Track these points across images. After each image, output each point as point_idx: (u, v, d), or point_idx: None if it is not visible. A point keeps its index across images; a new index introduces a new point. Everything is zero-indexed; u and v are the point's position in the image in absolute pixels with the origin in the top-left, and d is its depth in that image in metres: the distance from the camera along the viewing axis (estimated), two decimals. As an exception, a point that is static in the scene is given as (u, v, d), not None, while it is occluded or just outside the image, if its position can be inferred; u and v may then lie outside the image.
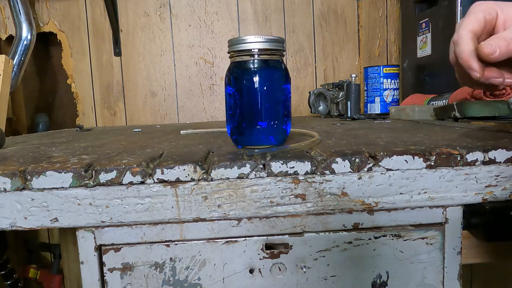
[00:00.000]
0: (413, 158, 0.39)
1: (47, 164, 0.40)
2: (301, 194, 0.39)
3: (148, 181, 0.38)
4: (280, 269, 0.41)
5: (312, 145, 0.45)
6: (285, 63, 0.51)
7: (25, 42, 1.10)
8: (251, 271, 0.41)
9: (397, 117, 0.91)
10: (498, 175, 0.40)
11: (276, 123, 0.47)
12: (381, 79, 1.08)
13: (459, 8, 0.86)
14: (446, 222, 0.42)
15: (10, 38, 1.26)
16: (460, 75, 0.44)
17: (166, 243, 0.41)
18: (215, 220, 0.40)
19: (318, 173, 0.39)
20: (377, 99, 1.10)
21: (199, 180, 0.38)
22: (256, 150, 0.41)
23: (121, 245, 0.40)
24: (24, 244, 1.30)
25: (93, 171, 0.37)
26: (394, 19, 1.35)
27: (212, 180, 0.38)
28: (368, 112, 1.12)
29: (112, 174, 0.37)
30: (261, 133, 0.46)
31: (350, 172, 0.39)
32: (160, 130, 0.89)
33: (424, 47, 1.07)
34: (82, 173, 0.37)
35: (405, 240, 0.42)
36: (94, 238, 0.40)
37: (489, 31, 0.41)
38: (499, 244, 0.53)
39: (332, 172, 0.39)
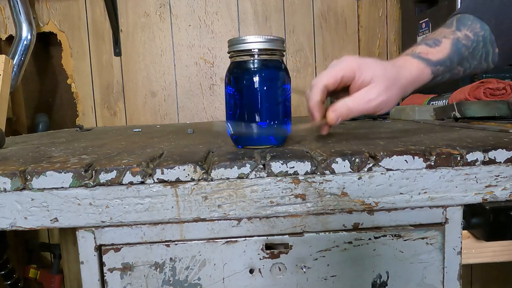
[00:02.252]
0: (413, 158, 0.39)
1: (47, 164, 0.40)
2: (301, 194, 0.39)
3: (148, 181, 0.38)
4: (280, 269, 0.41)
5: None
6: (285, 63, 0.51)
7: (25, 42, 1.10)
8: (251, 271, 0.41)
9: (397, 117, 0.91)
10: (498, 175, 0.40)
11: (276, 123, 0.47)
12: (381, 79, 1.08)
13: (458, 8, 0.86)
14: (446, 222, 0.42)
15: (10, 38, 1.25)
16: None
17: (166, 243, 0.41)
18: (215, 220, 0.40)
19: (318, 173, 0.39)
20: (377, 99, 1.09)
21: (199, 180, 0.38)
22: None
23: (121, 245, 0.40)
24: (24, 244, 1.30)
25: (93, 171, 0.37)
26: (394, 19, 1.35)
27: (212, 180, 0.38)
28: (368, 112, 1.12)
29: (112, 174, 0.37)
30: (261, 133, 0.46)
31: (350, 172, 0.39)
32: (160, 130, 0.89)
33: (424, 47, 1.07)
34: (82, 173, 0.37)
35: (405, 240, 0.42)
36: (94, 238, 0.40)
37: (346, 84, 0.47)
38: (499, 244, 0.53)
39: (332, 172, 0.39)
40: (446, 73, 0.51)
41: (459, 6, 0.86)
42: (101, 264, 0.41)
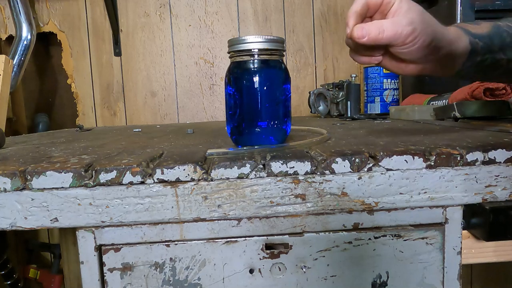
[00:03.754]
0: (413, 158, 0.39)
1: (47, 164, 0.40)
2: (301, 194, 0.39)
3: (148, 181, 0.38)
4: (280, 269, 0.41)
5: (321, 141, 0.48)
6: (285, 63, 0.51)
7: (25, 42, 1.10)
8: (251, 271, 0.41)
9: (397, 117, 0.91)
10: (498, 175, 0.40)
11: (276, 123, 0.47)
12: (381, 79, 1.08)
13: (459, 8, 0.86)
14: (446, 222, 0.42)
15: (10, 38, 1.26)
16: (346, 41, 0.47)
17: (166, 243, 0.41)
18: (215, 220, 0.40)
19: (318, 173, 0.39)
20: (377, 99, 1.10)
21: (199, 180, 0.38)
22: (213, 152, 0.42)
23: (121, 245, 0.40)
24: (24, 244, 1.30)
25: (93, 171, 0.37)
26: (394, 19, 1.35)
27: (212, 180, 0.38)
28: (368, 112, 1.12)
29: (112, 174, 0.37)
30: (261, 133, 0.46)
31: (350, 172, 0.39)
32: (160, 130, 0.89)
33: (424, 47, 1.07)
34: (82, 173, 0.37)
35: (405, 240, 0.42)
36: (94, 238, 0.40)
37: (383, 12, 0.44)
38: (499, 244, 0.53)
39: (332, 172, 0.39)
40: (486, 53, 0.47)
41: (459, 6, 0.86)
42: (101, 264, 0.41)
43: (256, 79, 0.45)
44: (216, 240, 0.41)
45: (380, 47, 0.45)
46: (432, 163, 0.39)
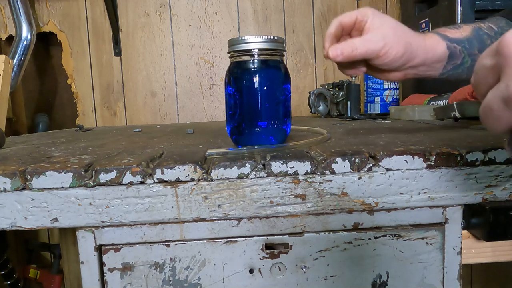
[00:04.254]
0: (413, 158, 0.39)
1: (47, 164, 0.40)
2: (301, 194, 0.39)
3: (148, 181, 0.38)
4: (280, 269, 0.41)
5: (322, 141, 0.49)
6: (285, 63, 0.51)
7: (25, 42, 1.10)
8: (251, 271, 0.41)
9: (397, 117, 0.91)
10: (498, 175, 0.40)
11: (276, 123, 0.47)
12: (381, 79, 1.08)
13: (459, 8, 0.86)
14: (446, 222, 0.42)
15: (10, 38, 1.25)
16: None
17: (166, 243, 0.41)
18: (215, 220, 0.40)
19: (318, 173, 0.39)
20: (377, 99, 1.10)
21: (199, 180, 0.38)
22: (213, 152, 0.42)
23: (121, 245, 0.40)
24: (24, 244, 1.30)
25: (93, 171, 0.37)
26: (394, 19, 1.35)
27: (212, 180, 0.38)
28: (368, 112, 1.12)
29: (112, 174, 0.37)
30: (261, 133, 0.46)
31: (350, 172, 0.39)
32: (160, 130, 0.89)
33: (424, 47, 1.07)
34: (82, 173, 0.37)
35: (405, 240, 0.42)
36: (94, 238, 0.40)
37: (359, 29, 0.48)
38: (499, 244, 0.53)
39: (332, 172, 0.39)
40: (465, 57, 0.50)
41: (459, 6, 0.86)
42: (101, 264, 0.41)
43: (256, 79, 0.45)
44: (216, 240, 0.41)
45: (360, 60, 0.48)
46: (432, 163, 0.39)
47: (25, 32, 1.11)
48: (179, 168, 0.38)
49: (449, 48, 0.49)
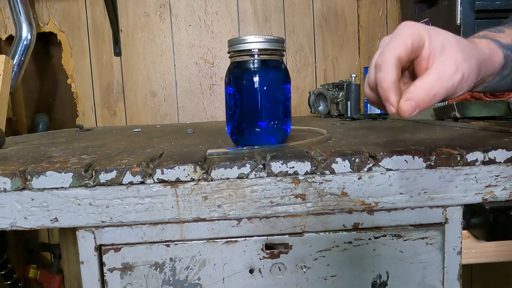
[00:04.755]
0: (413, 158, 0.39)
1: (47, 164, 0.40)
2: (301, 194, 0.39)
3: (148, 181, 0.38)
4: (280, 269, 0.41)
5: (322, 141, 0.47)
6: (285, 63, 0.51)
7: (25, 42, 1.10)
8: (251, 271, 0.41)
9: (397, 117, 0.91)
10: (498, 175, 0.40)
11: (276, 123, 0.47)
12: (381, 79, 1.08)
13: (459, 8, 0.86)
14: (446, 222, 0.42)
15: (10, 38, 1.25)
16: (371, 96, 0.40)
17: (166, 243, 0.41)
18: (215, 220, 0.40)
19: (318, 173, 0.39)
20: (377, 99, 1.09)
21: (199, 180, 0.38)
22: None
23: (121, 245, 0.40)
24: (24, 244, 1.30)
25: (93, 171, 0.37)
26: (394, 19, 1.35)
27: (212, 180, 0.38)
28: (368, 112, 1.12)
29: (112, 174, 0.37)
30: (261, 133, 0.46)
31: (350, 172, 0.39)
32: (160, 130, 0.89)
33: (424, 47, 1.07)
34: (82, 173, 0.37)
35: (405, 240, 0.42)
36: (94, 238, 0.40)
37: (412, 59, 0.37)
38: (499, 244, 0.53)
39: (332, 172, 0.39)
40: None
41: (459, 6, 0.86)
42: (101, 264, 0.41)
43: (256, 79, 0.45)
44: (216, 240, 0.41)
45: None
46: (432, 163, 0.39)
47: (25, 32, 1.11)
48: (179, 168, 0.38)
49: (505, 57, 0.40)
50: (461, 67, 0.35)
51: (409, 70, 0.39)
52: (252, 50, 0.45)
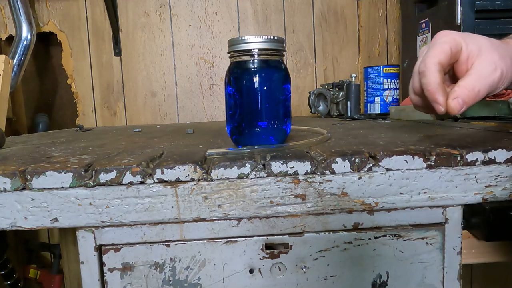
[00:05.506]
0: (413, 158, 0.39)
1: (47, 164, 0.40)
2: (301, 194, 0.39)
3: (148, 181, 0.38)
4: (280, 269, 0.41)
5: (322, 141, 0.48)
6: (285, 63, 0.51)
7: (25, 42, 1.10)
8: (251, 271, 0.41)
9: (397, 117, 0.91)
10: (498, 175, 0.40)
11: (276, 123, 0.47)
12: (381, 79, 1.08)
13: (459, 8, 0.86)
14: (446, 222, 0.42)
15: (10, 38, 1.25)
16: (417, 101, 0.43)
17: (166, 243, 0.41)
18: (215, 220, 0.40)
19: (318, 173, 0.39)
20: (377, 99, 1.10)
21: (199, 180, 0.38)
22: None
23: (121, 245, 0.40)
24: (24, 244, 1.30)
25: (93, 171, 0.37)
26: (394, 19, 1.35)
27: (212, 180, 0.38)
28: (368, 112, 1.12)
29: (112, 174, 0.37)
30: (261, 133, 0.46)
31: (350, 172, 0.39)
32: (160, 130, 0.89)
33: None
34: (82, 173, 0.37)
35: (405, 240, 0.42)
36: (94, 238, 0.40)
37: (452, 64, 0.41)
38: (499, 244, 0.53)
39: (332, 172, 0.39)
40: None
41: (459, 6, 0.86)
42: (101, 264, 0.41)
43: (256, 79, 0.45)
44: (216, 240, 0.41)
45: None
46: (432, 163, 0.39)
47: (25, 32, 1.11)
48: (179, 168, 0.38)
49: None
50: (499, 65, 0.38)
51: (449, 74, 0.42)
52: (252, 50, 0.45)
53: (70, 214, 0.38)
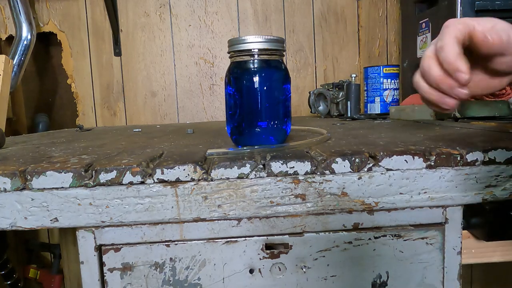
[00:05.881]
0: (413, 158, 0.39)
1: (47, 164, 0.40)
2: (301, 194, 0.39)
3: (148, 181, 0.38)
4: (280, 269, 0.41)
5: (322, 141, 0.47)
6: (285, 63, 0.51)
7: (25, 42, 1.10)
8: (251, 271, 0.41)
9: (397, 117, 0.91)
10: (498, 175, 0.40)
11: (276, 123, 0.47)
12: (381, 79, 1.08)
13: (459, 8, 0.86)
14: (446, 222, 0.42)
15: (10, 38, 1.25)
16: (424, 89, 0.41)
17: (166, 243, 0.41)
18: (215, 220, 0.40)
19: (318, 173, 0.39)
20: (377, 99, 1.10)
21: (199, 180, 0.38)
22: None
23: (121, 245, 0.40)
24: (24, 244, 1.30)
25: (93, 171, 0.37)
26: (394, 19, 1.35)
27: (212, 180, 0.38)
28: (368, 112, 1.12)
29: (112, 174, 0.37)
30: (261, 133, 0.46)
31: (350, 172, 0.39)
32: (160, 130, 0.89)
33: (424, 47, 1.07)
34: (82, 173, 0.37)
35: (405, 240, 0.42)
36: (94, 238, 0.40)
37: (464, 45, 0.40)
38: (499, 244, 0.53)
39: (332, 172, 0.39)
40: None
41: (459, 6, 0.86)
42: (101, 264, 0.41)
43: (256, 79, 0.45)
44: (216, 240, 0.41)
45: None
46: (432, 163, 0.39)
47: (25, 32, 1.11)
48: (179, 168, 0.38)
49: None
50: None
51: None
52: (252, 50, 0.45)
53: (70, 214, 0.38)
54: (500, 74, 0.42)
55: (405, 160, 0.39)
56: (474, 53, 0.40)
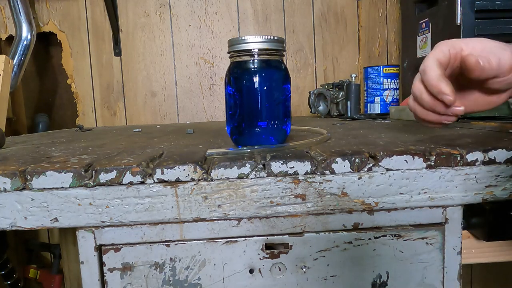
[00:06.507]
0: (413, 158, 0.39)
1: (47, 164, 0.40)
2: (301, 194, 0.39)
3: (148, 181, 0.38)
4: (280, 269, 0.41)
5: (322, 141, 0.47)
6: (285, 63, 0.51)
7: (25, 42, 1.10)
8: (251, 271, 0.41)
9: (397, 117, 0.91)
10: (498, 175, 0.40)
11: (276, 123, 0.47)
12: (381, 79, 1.08)
13: (459, 8, 0.86)
14: (446, 222, 0.42)
15: (10, 38, 1.25)
16: (421, 113, 0.42)
17: (166, 243, 0.41)
18: (215, 220, 0.40)
19: (318, 173, 0.39)
20: (377, 99, 1.10)
21: (199, 180, 0.38)
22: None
23: (121, 245, 0.40)
24: (24, 244, 1.30)
25: (93, 171, 0.37)
26: (394, 19, 1.35)
27: (212, 180, 0.38)
28: (368, 112, 1.12)
29: (112, 174, 0.37)
30: (261, 133, 0.46)
31: (350, 172, 0.39)
32: (160, 130, 0.89)
33: (424, 47, 1.07)
34: (82, 173, 0.37)
35: (405, 240, 0.42)
36: (94, 238, 0.40)
37: (453, 66, 0.41)
38: (499, 244, 0.53)
39: (332, 172, 0.39)
40: None
41: (459, 6, 0.86)
42: (101, 264, 0.41)
43: (256, 79, 0.45)
44: (216, 240, 0.41)
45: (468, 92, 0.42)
46: (432, 163, 0.39)
47: (25, 32, 1.11)
48: (179, 168, 0.38)
49: None
50: (507, 48, 0.39)
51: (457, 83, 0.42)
52: (252, 50, 0.45)
53: (70, 214, 0.38)
54: (497, 91, 0.42)
55: (405, 160, 0.39)
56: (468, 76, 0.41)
